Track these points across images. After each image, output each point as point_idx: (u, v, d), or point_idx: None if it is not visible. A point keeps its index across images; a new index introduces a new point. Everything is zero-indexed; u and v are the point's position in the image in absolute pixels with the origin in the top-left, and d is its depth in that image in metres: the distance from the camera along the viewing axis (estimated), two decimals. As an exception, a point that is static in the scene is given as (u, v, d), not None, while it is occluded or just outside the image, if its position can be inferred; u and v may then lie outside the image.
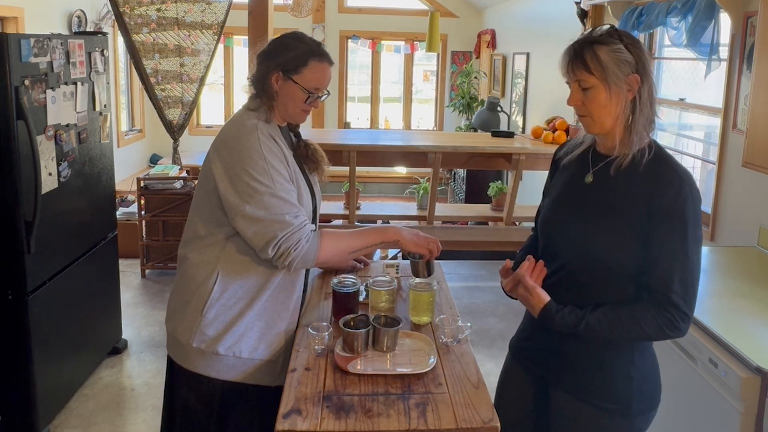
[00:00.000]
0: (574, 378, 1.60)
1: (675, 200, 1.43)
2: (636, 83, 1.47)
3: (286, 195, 1.69)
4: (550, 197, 1.69)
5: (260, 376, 1.81)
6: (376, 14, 8.89)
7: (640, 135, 1.49)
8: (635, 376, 1.56)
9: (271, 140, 1.73)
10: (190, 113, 5.22)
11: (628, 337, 1.50)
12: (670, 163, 1.49)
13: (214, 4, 4.99)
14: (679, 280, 1.43)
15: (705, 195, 3.50)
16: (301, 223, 1.70)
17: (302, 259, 1.69)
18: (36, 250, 2.76)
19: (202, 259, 1.78)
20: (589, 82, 1.47)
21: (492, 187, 4.86)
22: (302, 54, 1.76)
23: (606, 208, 1.52)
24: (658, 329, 1.45)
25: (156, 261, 5.05)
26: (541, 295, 1.55)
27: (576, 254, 1.56)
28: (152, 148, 8.55)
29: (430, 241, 1.88)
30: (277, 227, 1.66)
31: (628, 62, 1.46)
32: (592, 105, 1.49)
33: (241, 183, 1.67)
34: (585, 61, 1.46)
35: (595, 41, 1.47)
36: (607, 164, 1.55)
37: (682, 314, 1.44)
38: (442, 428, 1.39)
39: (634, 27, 3.73)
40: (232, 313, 1.76)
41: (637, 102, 1.48)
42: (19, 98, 2.63)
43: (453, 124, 8.98)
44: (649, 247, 1.46)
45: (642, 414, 1.58)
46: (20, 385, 2.81)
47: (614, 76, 1.45)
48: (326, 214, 4.63)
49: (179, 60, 5.05)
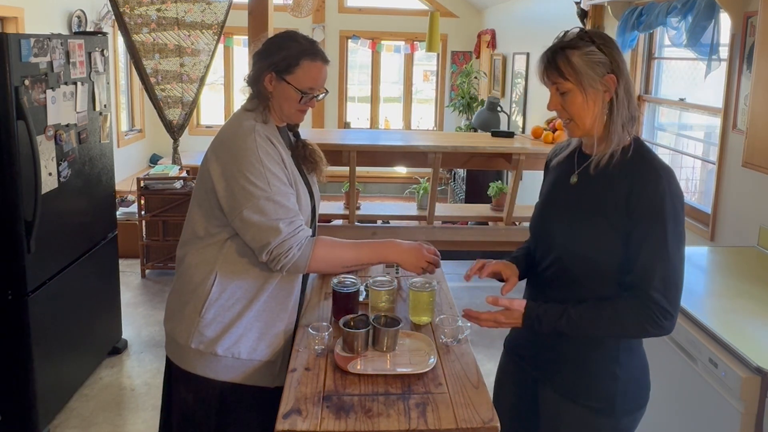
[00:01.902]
0: (561, 376, 1.62)
1: (653, 197, 1.44)
2: (612, 83, 1.48)
3: (283, 198, 1.68)
4: (539, 199, 1.73)
5: (259, 377, 1.80)
6: (376, 14, 8.88)
7: (620, 133, 1.50)
8: (621, 376, 1.56)
9: (268, 142, 1.72)
10: (190, 113, 5.22)
11: (611, 333, 1.51)
12: (649, 160, 1.50)
13: (214, 4, 4.99)
14: (660, 278, 1.43)
15: (705, 195, 3.51)
16: (295, 230, 1.68)
17: (293, 266, 1.69)
18: (36, 250, 2.76)
19: (200, 259, 1.78)
20: (565, 86, 1.49)
21: (492, 187, 4.86)
22: (294, 54, 1.74)
23: (590, 207, 1.53)
24: (639, 326, 1.46)
25: (156, 261, 5.05)
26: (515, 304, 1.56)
27: (564, 253, 1.57)
28: (152, 148, 8.55)
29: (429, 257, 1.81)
30: (271, 234, 1.65)
31: (602, 63, 1.47)
32: (571, 109, 1.51)
33: (237, 186, 1.67)
34: (558, 66, 1.48)
35: (567, 46, 1.48)
36: (590, 164, 1.56)
37: (663, 311, 1.44)
38: (442, 428, 1.39)
39: (634, 27, 3.73)
40: (230, 314, 1.76)
41: (614, 101, 1.49)
42: (19, 98, 2.63)
43: (453, 124, 8.98)
44: (629, 244, 1.47)
45: (628, 414, 1.58)
46: (20, 385, 2.81)
47: (589, 79, 1.47)
48: (326, 214, 4.63)
49: (179, 60, 5.05)
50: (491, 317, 1.57)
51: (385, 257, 1.80)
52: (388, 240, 1.83)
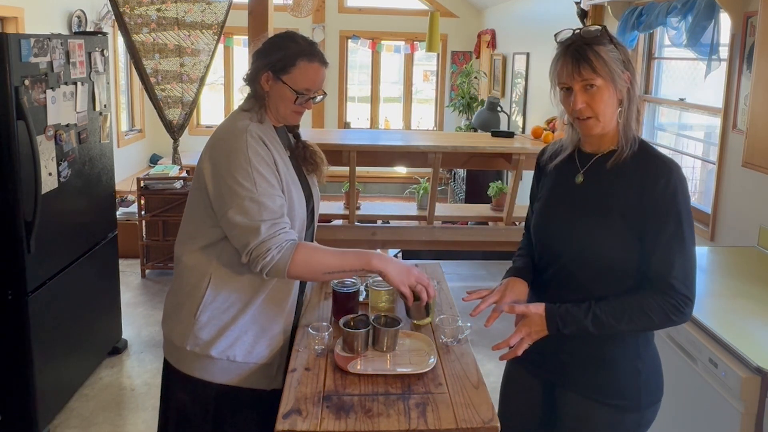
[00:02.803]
0: (582, 377, 1.60)
1: (666, 191, 1.46)
2: (629, 80, 1.51)
3: (268, 200, 1.65)
4: (540, 202, 1.70)
5: (255, 380, 1.79)
6: (376, 14, 8.88)
7: (633, 129, 1.53)
8: (642, 370, 1.57)
9: (260, 143, 1.70)
10: (190, 113, 5.22)
11: (636, 327, 1.50)
12: (657, 155, 1.52)
13: (214, 4, 4.99)
14: (679, 266, 1.46)
15: (705, 195, 3.51)
16: (276, 232, 1.63)
17: (273, 268, 1.63)
18: (36, 250, 2.76)
19: (195, 261, 1.77)
20: (596, 82, 1.48)
21: (492, 187, 4.86)
22: (292, 54, 1.73)
23: (600, 206, 1.53)
24: (664, 315, 1.47)
25: (156, 261, 5.05)
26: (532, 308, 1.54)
27: (575, 254, 1.56)
28: (152, 148, 8.55)
29: (420, 279, 1.68)
30: (251, 235, 1.63)
31: (621, 61, 1.50)
32: (599, 105, 1.49)
33: (225, 186, 1.66)
34: (591, 61, 1.47)
35: (593, 42, 1.48)
36: (596, 163, 1.56)
37: (685, 298, 1.47)
38: (442, 428, 1.39)
39: (634, 27, 3.73)
40: (225, 317, 1.74)
41: (630, 97, 1.52)
42: (19, 98, 2.63)
43: (453, 124, 8.98)
44: (645, 239, 1.49)
45: (651, 406, 1.59)
46: (20, 385, 2.81)
47: (617, 75, 1.48)
48: (326, 214, 4.63)
49: (179, 60, 5.05)
50: (518, 338, 1.54)
51: (369, 264, 1.67)
52: (375, 253, 1.72)
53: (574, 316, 1.51)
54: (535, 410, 1.74)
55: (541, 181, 1.74)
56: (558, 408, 1.67)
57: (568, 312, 1.51)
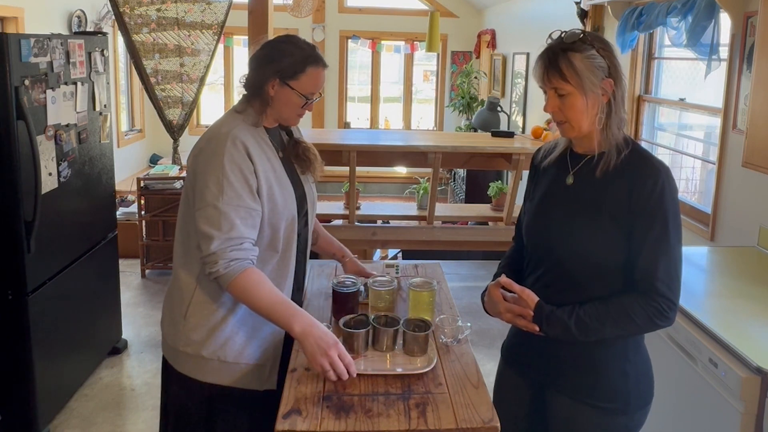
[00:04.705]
0: (571, 380, 1.61)
1: (653, 193, 1.46)
2: (610, 87, 1.49)
3: (230, 209, 1.65)
4: (533, 202, 1.70)
5: (247, 381, 1.79)
6: (376, 14, 8.88)
7: (615, 135, 1.52)
8: (631, 373, 1.57)
9: (241, 151, 1.68)
10: (190, 113, 5.21)
11: (620, 330, 1.50)
12: (648, 158, 1.52)
13: (214, 4, 4.98)
14: (664, 270, 1.46)
15: (705, 195, 3.51)
16: (226, 248, 1.63)
17: (217, 279, 1.65)
18: (36, 250, 2.76)
19: (185, 261, 1.78)
20: (565, 89, 1.48)
21: (492, 187, 4.86)
22: (299, 60, 1.74)
23: (589, 207, 1.53)
24: (647, 319, 1.47)
25: (156, 261, 5.05)
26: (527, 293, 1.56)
27: (565, 254, 1.56)
28: (152, 148, 8.55)
29: (335, 364, 1.53)
30: (204, 243, 1.65)
31: (601, 67, 1.48)
32: (570, 112, 1.50)
33: (198, 187, 1.68)
34: (560, 69, 1.47)
35: (568, 48, 1.47)
36: (585, 164, 1.57)
37: (668, 302, 1.47)
38: (442, 428, 1.39)
39: (634, 27, 3.73)
40: (214, 318, 1.74)
41: (612, 104, 1.50)
42: (19, 98, 2.63)
43: (453, 124, 8.98)
44: (632, 240, 1.49)
45: (640, 409, 1.59)
46: (20, 385, 2.81)
47: (589, 83, 1.47)
48: (326, 214, 4.63)
49: (179, 60, 5.05)
50: (508, 308, 1.58)
51: (290, 328, 1.59)
52: (308, 316, 1.62)
53: (558, 318, 1.52)
54: (525, 411, 1.74)
55: (535, 180, 1.74)
56: (547, 410, 1.68)
57: (553, 313, 1.53)
